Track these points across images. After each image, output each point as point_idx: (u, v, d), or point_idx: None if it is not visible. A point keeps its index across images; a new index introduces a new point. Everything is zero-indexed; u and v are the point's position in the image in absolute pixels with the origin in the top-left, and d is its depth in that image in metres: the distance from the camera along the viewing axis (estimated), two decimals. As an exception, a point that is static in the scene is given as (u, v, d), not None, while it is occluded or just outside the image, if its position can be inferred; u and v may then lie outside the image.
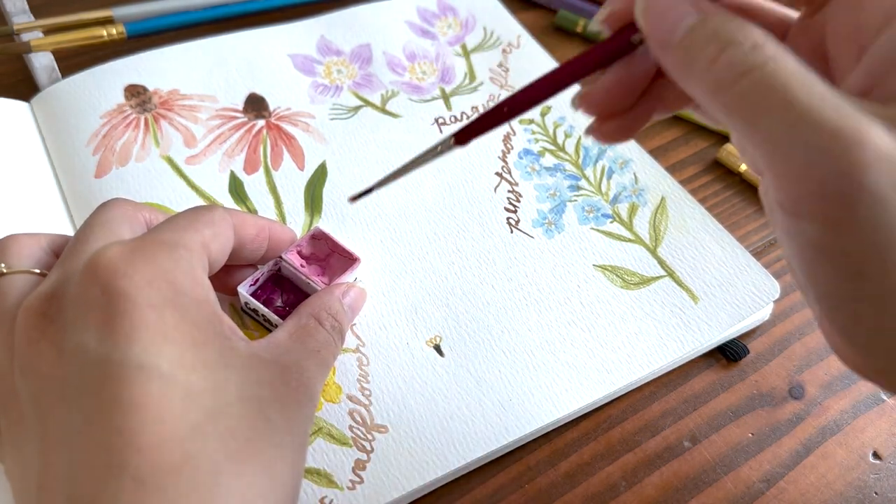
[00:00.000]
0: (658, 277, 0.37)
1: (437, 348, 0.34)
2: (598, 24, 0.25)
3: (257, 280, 0.33)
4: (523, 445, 0.32)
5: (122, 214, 0.28)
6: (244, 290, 0.32)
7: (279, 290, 0.33)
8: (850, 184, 0.19)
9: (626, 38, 0.24)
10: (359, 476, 0.30)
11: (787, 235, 0.22)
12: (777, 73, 0.20)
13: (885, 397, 0.34)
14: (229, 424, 0.23)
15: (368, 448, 0.30)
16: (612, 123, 0.26)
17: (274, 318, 0.32)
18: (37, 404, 0.24)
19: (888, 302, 0.20)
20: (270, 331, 0.33)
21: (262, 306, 0.32)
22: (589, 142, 0.43)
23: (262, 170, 0.39)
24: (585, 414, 0.33)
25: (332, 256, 0.34)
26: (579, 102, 0.25)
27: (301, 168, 0.40)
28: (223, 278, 0.32)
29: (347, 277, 0.34)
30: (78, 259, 0.25)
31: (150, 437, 0.21)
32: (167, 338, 0.23)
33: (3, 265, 0.27)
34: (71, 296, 0.24)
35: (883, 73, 0.21)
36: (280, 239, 0.33)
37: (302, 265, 0.33)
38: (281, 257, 0.33)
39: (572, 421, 0.33)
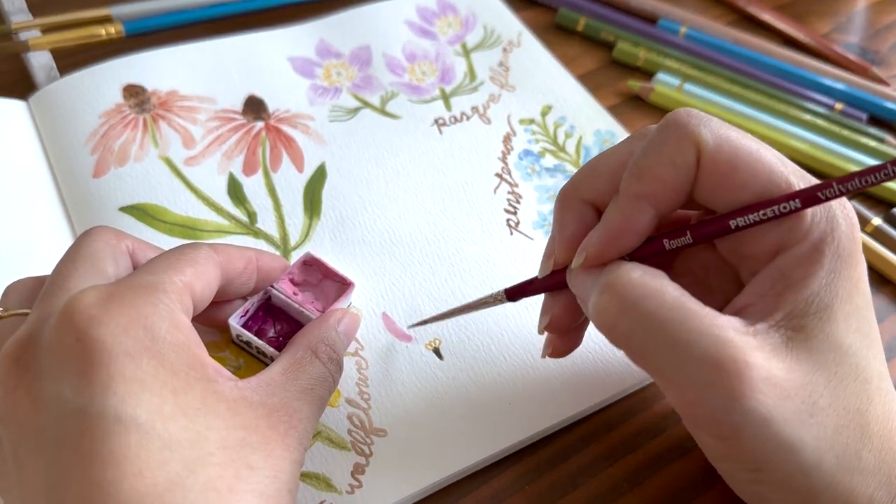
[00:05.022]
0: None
1: (437, 351, 0.33)
2: (540, 329, 0.30)
3: (247, 311, 0.31)
4: (524, 447, 0.32)
5: (104, 246, 0.27)
6: (235, 322, 0.31)
7: (271, 320, 0.32)
8: (735, 411, 0.23)
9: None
10: (358, 480, 0.29)
11: (692, 435, 0.26)
12: (654, 311, 0.24)
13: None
14: (210, 475, 0.22)
15: (367, 452, 0.30)
16: (564, 340, 0.30)
17: (268, 349, 0.31)
18: (15, 453, 0.23)
19: (783, 484, 0.24)
20: (265, 363, 0.32)
21: (254, 338, 0.31)
22: (590, 141, 0.43)
23: (260, 171, 0.39)
24: (586, 416, 0.33)
25: (324, 282, 0.33)
26: (545, 328, 0.30)
27: (300, 170, 0.39)
28: (213, 312, 0.31)
29: (342, 303, 0.33)
30: (56, 300, 0.25)
31: (129, 491, 0.21)
32: (145, 387, 0.23)
33: (0, 308, 0.27)
34: (46, 343, 0.23)
35: (765, 293, 0.25)
36: (270, 268, 0.31)
37: (294, 293, 0.32)
38: (272, 286, 0.32)
39: (573, 423, 0.33)
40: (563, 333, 0.30)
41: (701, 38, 0.49)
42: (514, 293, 0.30)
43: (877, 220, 0.40)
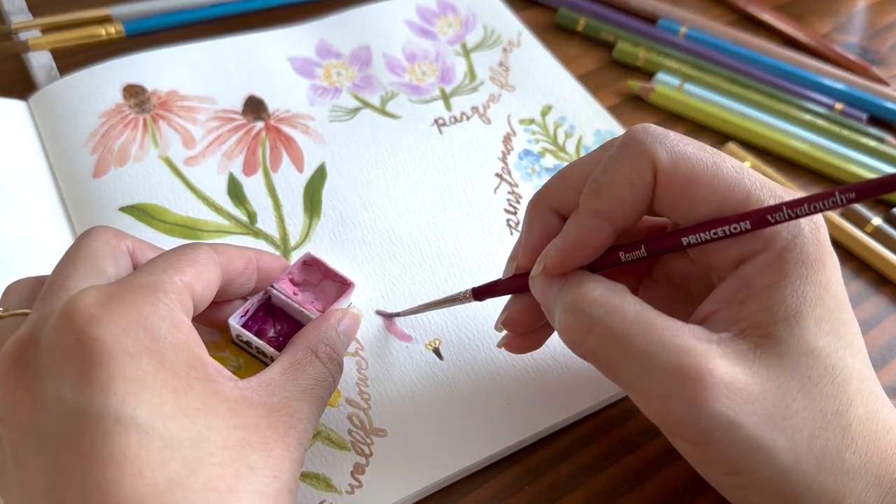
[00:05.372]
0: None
1: (437, 352, 0.33)
2: (496, 325, 0.30)
3: (247, 311, 0.31)
4: (524, 447, 0.32)
5: (105, 246, 0.27)
6: (235, 322, 0.31)
7: (271, 320, 0.32)
8: (702, 417, 0.24)
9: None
10: (358, 480, 0.29)
11: (672, 443, 0.26)
12: (616, 326, 0.25)
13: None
14: (210, 475, 0.22)
15: (367, 452, 0.30)
16: (523, 339, 0.31)
17: (268, 349, 0.31)
18: (15, 453, 0.23)
19: (764, 487, 0.24)
20: (265, 363, 0.32)
21: (254, 338, 0.31)
22: (590, 141, 0.43)
23: (260, 172, 0.39)
24: (586, 416, 0.33)
25: (324, 282, 0.33)
26: (502, 326, 0.30)
27: (300, 170, 0.39)
28: (213, 312, 0.31)
29: (342, 304, 0.33)
30: (56, 300, 0.25)
31: (129, 491, 0.21)
32: (145, 386, 0.23)
33: (0, 308, 0.27)
34: (46, 343, 0.23)
35: (729, 301, 0.25)
36: (270, 268, 0.32)
37: (294, 293, 0.32)
38: (272, 286, 0.32)
39: (573, 422, 0.33)
40: (519, 333, 0.31)
41: (701, 38, 0.49)
42: (480, 293, 0.31)
43: (877, 220, 0.40)
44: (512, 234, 0.38)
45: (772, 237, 0.25)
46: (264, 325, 0.32)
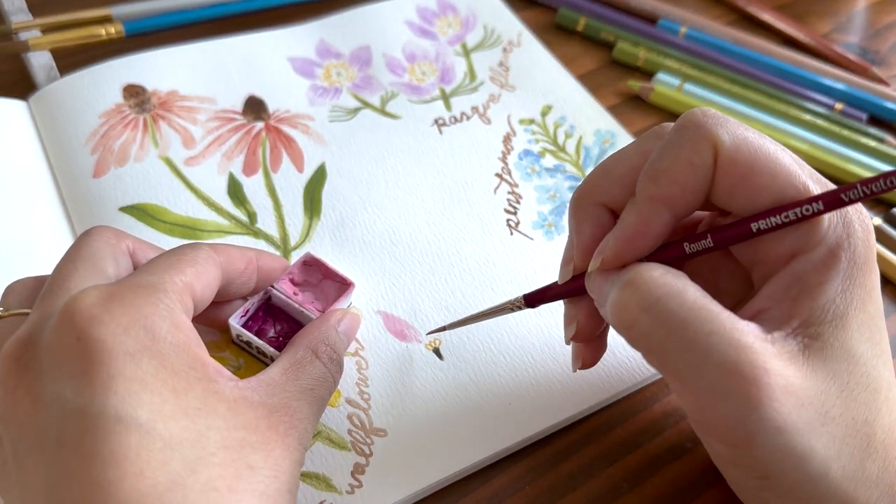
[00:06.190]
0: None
1: (437, 351, 0.33)
2: (567, 339, 0.30)
3: (248, 311, 0.31)
4: (524, 447, 0.32)
5: (105, 246, 0.27)
6: (235, 322, 0.31)
7: (272, 320, 0.32)
8: (750, 419, 0.22)
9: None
10: (358, 480, 0.30)
11: (701, 439, 0.26)
12: (675, 310, 0.24)
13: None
14: (210, 475, 0.22)
15: (367, 452, 0.30)
16: (592, 350, 0.30)
17: (268, 349, 0.31)
18: (15, 453, 0.23)
19: (790, 493, 0.24)
20: (265, 363, 0.32)
21: (254, 338, 0.31)
22: (590, 141, 0.43)
23: (260, 172, 0.39)
24: (586, 416, 0.33)
25: (324, 282, 0.33)
26: (572, 338, 0.29)
27: (300, 170, 0.39)
28: (213, 312, 0.31)
29: (342, 304, 0.33)
30: (56, 300, 0.25)
31: (130, 491, 0.21)
32: (145, 386, 0.23)
33: (1, 308, 0.27)
34: (46, 342, 0.23)
35: (781, 298, 0.24)
36: (270, 269, 0.32)
37: (295, 293, 0.32)
38: (272, 286, 0.32)
39: (573, 422, 0.33)
40: (589, 341, 0.30)
41: (701, 38, 0.49)
42: (534, 299, 0.30)
43: (877, 220, 0.40)
44: (512, 234, 0.38)
45: (826, 233, 0.24)
46: (264, 325, 0.32)
